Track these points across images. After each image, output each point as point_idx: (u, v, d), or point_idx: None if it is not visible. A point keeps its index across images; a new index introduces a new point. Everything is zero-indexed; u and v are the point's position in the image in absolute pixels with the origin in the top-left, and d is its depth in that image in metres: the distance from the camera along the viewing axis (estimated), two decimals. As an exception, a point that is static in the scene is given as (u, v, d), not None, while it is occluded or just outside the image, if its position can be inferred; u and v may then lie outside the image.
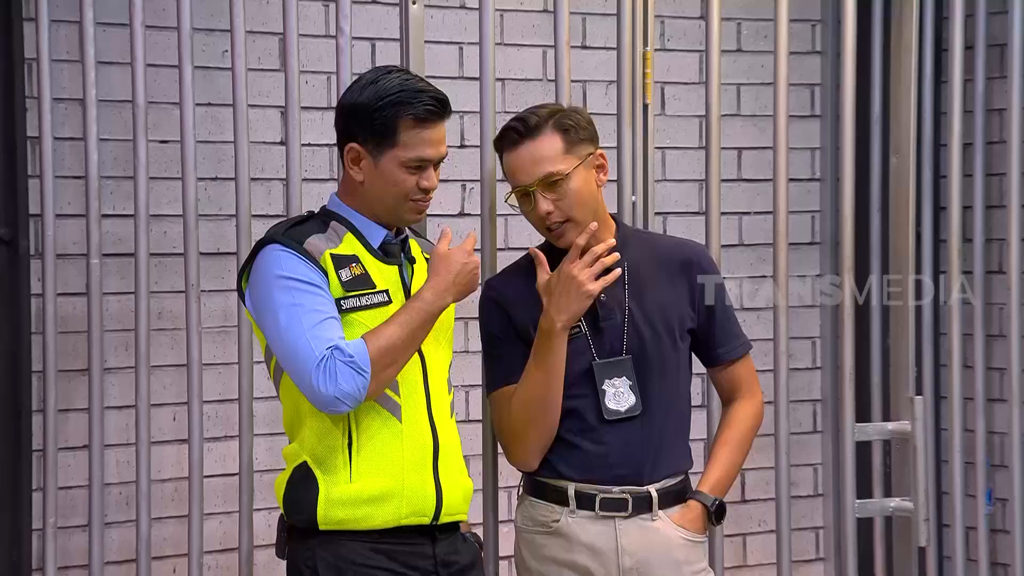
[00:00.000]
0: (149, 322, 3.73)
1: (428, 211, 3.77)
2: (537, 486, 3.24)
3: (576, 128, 3.15)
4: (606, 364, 3.15)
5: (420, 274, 3.03)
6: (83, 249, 3.77)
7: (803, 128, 4.91)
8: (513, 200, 3.22)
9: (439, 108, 2.94)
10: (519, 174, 3.15)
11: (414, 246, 3.07)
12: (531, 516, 3.25)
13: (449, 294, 2.94)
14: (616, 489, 3.15)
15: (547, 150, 3.12)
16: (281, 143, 4.02)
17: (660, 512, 3.18)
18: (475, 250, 3.08)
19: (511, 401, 3.17)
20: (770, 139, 4.01)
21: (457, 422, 3.13)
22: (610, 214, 3.30)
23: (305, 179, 3.71)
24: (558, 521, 3.18)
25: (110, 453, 3.92)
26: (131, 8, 3.66)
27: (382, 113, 2.90)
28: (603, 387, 3.15)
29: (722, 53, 3.96)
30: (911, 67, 4.16)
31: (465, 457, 3.12)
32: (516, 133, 3.15)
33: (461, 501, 3.02)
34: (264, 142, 4.18)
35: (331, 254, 2.91)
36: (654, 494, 3.17)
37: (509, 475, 3.51)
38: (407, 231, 3.07)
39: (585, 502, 3.16)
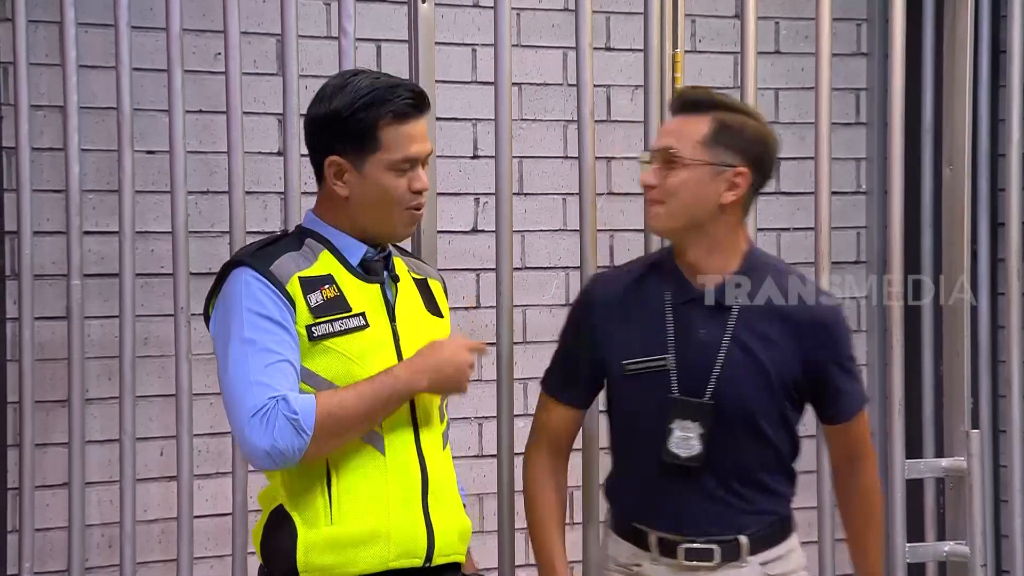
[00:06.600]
0: (134, 348, 3.74)
1: (439, 228, 3.81)
2: (620, 524, 3.23)
3: (731, 132, 3.12)
4: (683, 403, 3.12)
5: (404, 293, 3.02)
6: (63, 269, 3.78)
7: (847, 136, 4.92)
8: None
9: (418, 101, 2.95)
10: (656, 137, 3.20)
11: (399, 264, 3.06)
12: (613, 555, 3.24)
13: (424, 378, 2.91)
14: (701, 539, 3.15)
15: (688, 128, 3.12)
16: (279, 154, 4.04)
17: (750, 558, 3.17)
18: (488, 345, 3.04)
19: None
20: (811, 148, 4.01)
21: (471, 457, 3.12)
22: (748, 239, 3.21)
23: (304, 192, 3.70)
24: (640, 566, 3.17)
25: (92, 491, 3.93)
26: (116, 8, 3.68)
27: (357, 117, 2.91)
28: (672, 426, 3.12)
29: (759, 55, 3.97)
30: (966, 70, 4.17)
31: (480, 495, 3.12)
32: (680, 101, 3.19)
33: (457, 540, 3.00)
34: (260, 152, 4.20)
35: (300, 277, 2.92)
36: (744, 540, 3.16)
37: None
38: (390, 247, 3.06)
39: (668, 550, 3.15)
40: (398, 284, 3.02)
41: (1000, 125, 4.62)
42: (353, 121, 2.90)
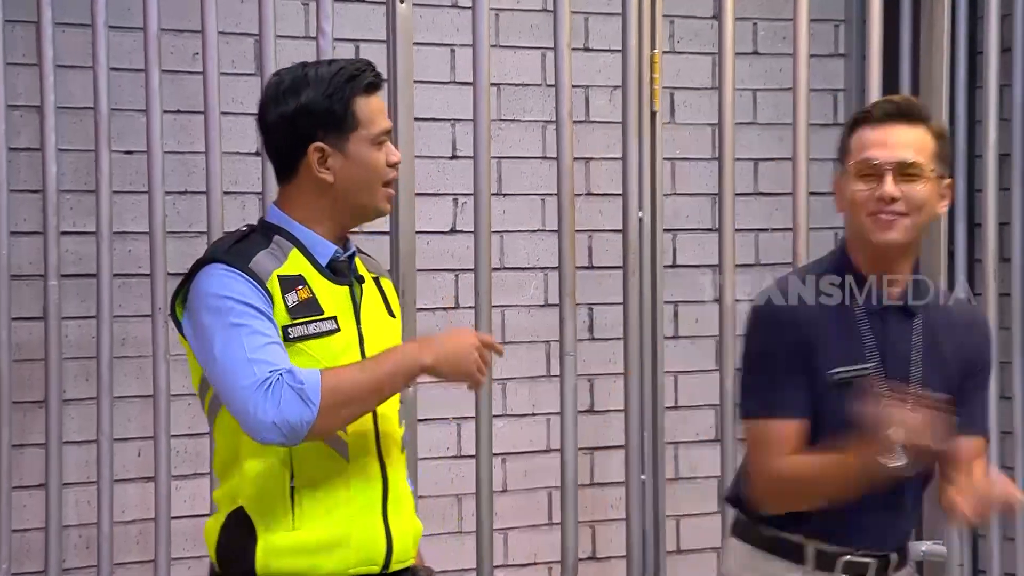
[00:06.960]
0: (112, 349, 3.76)
1: (417, 228, 3.82)
2: (763, 538, 3.14)
3: (945, 143, 3.13)
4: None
5: (368, 295, 3.03)
6: (40, 269, 3.79)
7: (825, 137, 4.88)
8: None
9: (379, 75, 3.02)
10: (879, 148, 3.09)
11: (359, 265, 3.08)
12: (758, 568, 3.15)
13: (430, 355, 2.88)
14: (859, 552, 3.10)
15: (919, 140, 3.08)
16: (256, 154, 4.04)
17: (894, 575, 3.13)
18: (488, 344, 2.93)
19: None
20: (789, 149, 4.06)
21: (449, 458, 3.13)
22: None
23: (283, 193, 3.73)
24: None
25: (69, 492, 3.93)
26: (93, 7, 3.70)
27: (333, 100, 2.94)
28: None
29: (737, 56, 3.99)
30: (943, 71, 4.19)
31: (459, 496, 3.12)
32: (896, 109, 3.13)
33: (411, 546, 3.01)
34: (238, 153, 4.20)
35: (278, 275, 2.92)
36: (894, 556, 3.13)
37: (507, 516, 3.50)
38: (354, 247, 3.07)
39: (825, 563, 3.10)
40: (363, 285, 3.03)
41: (976, 126, 4.64)
42: (329, 104, 2.93)
